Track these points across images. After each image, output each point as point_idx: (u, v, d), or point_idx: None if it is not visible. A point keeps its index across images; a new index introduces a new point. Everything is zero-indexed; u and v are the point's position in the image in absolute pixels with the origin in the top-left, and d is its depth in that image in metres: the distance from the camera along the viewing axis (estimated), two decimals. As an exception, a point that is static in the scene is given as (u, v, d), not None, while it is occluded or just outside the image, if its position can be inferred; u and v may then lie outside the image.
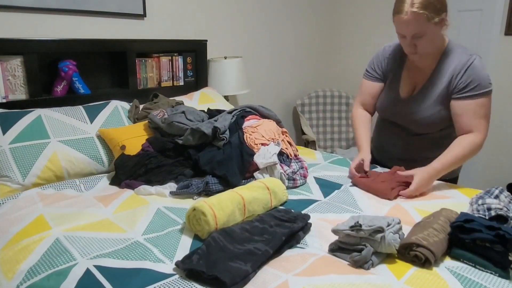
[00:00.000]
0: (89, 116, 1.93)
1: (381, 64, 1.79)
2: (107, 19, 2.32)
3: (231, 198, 1.30)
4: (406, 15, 1.47)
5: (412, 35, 1.51)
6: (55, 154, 1.71)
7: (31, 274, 1.05)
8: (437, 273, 1.05)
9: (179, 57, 2.60)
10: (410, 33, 1.50)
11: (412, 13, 1.46)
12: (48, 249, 1.15)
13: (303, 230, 1.24)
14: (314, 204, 1.49)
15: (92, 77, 2.30)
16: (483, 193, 1.43)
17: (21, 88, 1.97)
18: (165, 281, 1.00)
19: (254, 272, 1.03)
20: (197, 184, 1.55)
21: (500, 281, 1.02)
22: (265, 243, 1.11)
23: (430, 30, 1.49)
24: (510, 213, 1.27)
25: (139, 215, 1.37)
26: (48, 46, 2.02)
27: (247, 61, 3.21)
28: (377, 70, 1.80)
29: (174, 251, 1.15)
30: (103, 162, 1.84)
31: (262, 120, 1.92)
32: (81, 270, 1.04)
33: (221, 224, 1.22)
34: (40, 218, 1.33)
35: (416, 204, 1.48)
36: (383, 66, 1.79)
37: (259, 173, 1.64)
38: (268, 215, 1.28)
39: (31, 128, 1.73)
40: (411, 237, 1.10)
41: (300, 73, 3.73)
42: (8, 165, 1.61)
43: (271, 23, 3.34)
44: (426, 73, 1.66)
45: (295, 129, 3.79)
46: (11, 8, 1.96)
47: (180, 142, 1.79)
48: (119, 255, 1.11)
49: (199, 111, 2.00)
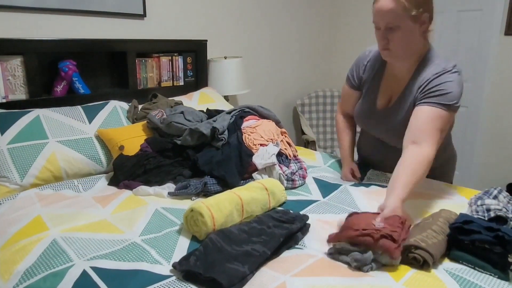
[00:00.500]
0: (88, 116, 1.93)
1: (359, 71, 1.71)
2: (107, 19, 2.32)
3: (229, 199, 1.29)
4: (383, 1, 1.41)
5: (385, 24, 1.44)
6: (53, 154, 1.71)
7: (28, 276, 1.05)
8: (436, 275, 1.04)
9: (179, 57, 2.60)
10: (384, 21, 1.43)
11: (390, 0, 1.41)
12: (45, 250, 1.14)
13: (302, 231, 1.24)
14: (313, 204, 1.48)
15: (92, 77, 2.30)
16: (482, 193, 1.42)
17: (21, 88, 1.97)
18: (162, 282, 1.00)
19: (251, 274, 1.02)
20: (195, 184, 1.54)
21: (499, 282, 1.02)
22: (263, 244, 1.11)
23: (405, 24, 1.42)
24: (509, 214, 1.26)
25: (137, 216, 1.36)
26: (48, 46, 2.02)
27: (247, 61, 3.20)
28: (356, 77, 1.73)
29: (171, 253, 1.14)
30: (101, 163, 1.84)
31: (261, 121, 1.92)
32: (77, 272, 1.03)
33: (219, 225, 1.21)
34: (38, 219, 1.33)
35: (416, 204, 1.47)
36: (360, 74, 1.71)
37: (258, 174, 1.64)
38: (266, 216, 1.27)
39: (30, 128, 1.73)
40: (409, 239, 1.10)
41: (300, 73, 3.72)
42: (6, 165, 1.61)
43: (271, 23, 3.33)
44: (402, 82, 1.57)
45: (295, 129, 3.79)
46: (11, 8, 1.96)
47: (179, 142, 1.79)
48: (116, 257, 1.11)
49: (198, 111, 2.00)
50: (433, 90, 1.43)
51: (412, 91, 1.52)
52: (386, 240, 1.05)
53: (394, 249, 1.04)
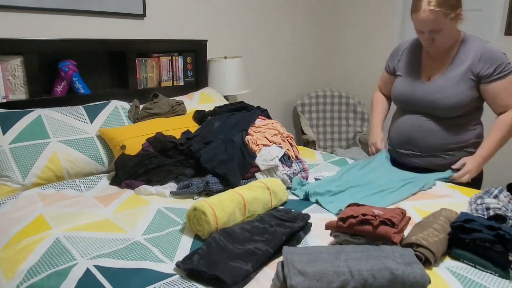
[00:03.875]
0: (89, 116, 1.93)
1: (395, 58, 1.89)
2: (107, 19, 2.32)
3: (232, 198, 1.30)
4: (423, 13, 1.55)
5: (429, 30, 1.58)
6: (55, 154, 1.71)
7: (31, 274, 1.05)
8: (437, 273, 1.05)
9: (179, 57, 2.60)
10: (427, 29, 1.58)
11: (429, 11, 1.54)
12: (48, 249, 1.15)
13: (304, 230, 1.24)
14: (314, 204, 1.49)
15: (92, 77, 2.30)
16: (483, 193, 1.43)
17: (21, 88, 1.97)
18: (166, 281, 1.00)
19: (254, 272, 1.03)
20: (197, 183, 1.55)
21: (500, 281, 1.02)
22: (265, 243, 1.11)
23: (447, 25, 1.57)
24: (508, 213, 1.27)
25: (139, 215, 1.37)
26: (48, 46, 2.02)
27: (247, 61, 3.21)
28: (390, 64, 1.92)
29: (174, 251, 1.15)
30: (103, 162, 1.84)
31: (267, 121, 1.93)
32: (81, 270, 1.04)
33: (221, 224, 1.22)
34: (40, 218, 1.33)
35: (415, 204, 1.48)
36: (395, 61, 1.88)
37: (260, 174, 1.64)
38: (269, 215, 1.28)
39: (31, 128, 1.73)
40: (411, 237, 1.10)
41: (300, 73, 3.73)
42: (8, 165, 1.61)
43: (271, 23, 3.34)
44: (444, 62, 1.72)
45: (295, 129, 3.79)
46: (11, 8, 1.96)
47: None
48: (119, 255, 1.11)
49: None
50: (492, 67, 1.61)
51: (459, 65, 1.67)
52: (385, 227, 1.07)
53: (393, 233, 1.06)
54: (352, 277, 0.90)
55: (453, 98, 1.65)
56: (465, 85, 1.65)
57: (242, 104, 2.17)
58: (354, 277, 0.90)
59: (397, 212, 1.15)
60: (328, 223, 1.17)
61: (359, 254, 0.98)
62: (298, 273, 0.91)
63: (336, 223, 1.14)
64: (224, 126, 1.90)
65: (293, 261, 0.95)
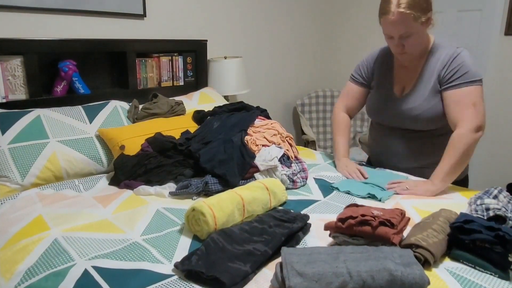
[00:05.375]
0: (88, 116, 1.93)
1: (367, 68, 1.81)
2: (107, 19, 2.32)
3: (231, 198, 1.30)
4: (393, 16, 1.48)
5: (399, 35, 1.52)
6: (54, 154, 1.71)
7: (29, 275, 1.05)
8: (436, 274, 1.04)
9: (179, 57, 2.60)
10: (397, 33, 1.52)
11: (399, 13, 1.47)
12: (47, 250, 1.14)
13: (303, 230, 1.24)
14: (314, 204, 1.49)
15: (92, 77, 2.30)
16: (482, 193, 1.43)
17: (21, 88, 1.97)
18: (164, 281, 1.00)
19: (253, 273, 1.03)
20: (196, 184, 1.54)
21: (499, 282, 1.02)
22: (264, 243, 1.11)
23: (417, 30, 1.51)
24: (508, 214, 1.26)
25: (138, 216, 1.37)
26: (48, 46, 2.02)
27: (247, 61, 3.21)
28: (363, 74, 1.83)
29: (173, 252, 1.14)
30: (102, 162, 1.84)
31: (267, 121, 1.92)
32: (79, 271, 1.03)
33: (220, 224, 1.21)
34: (39, 219, 1.33)
35: (415, 204, 1.47)
36: (368, 71, 1.81)
37: (260, 174, 1.64)
38: (268, 216, 1.28)
39: (30, 128, 1.73)
40: (410, 238, 1.10)
41: (300, 73, 3.72)
42: (7, 165, 1.61)
43: (271, 23, 3.33)
44: (415, 71, 1.67)
45: (295, 129, 3.79)
46: (11, 8, 1.96)
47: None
48: (118, 256, 1.11)
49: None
50: (454, 72, 1.55)
51: (428, 76, 1.62)
52: (384, 228, 1.06)
53: (393, 234, 1.05)
54: (351, 278, 0.90)
55: (427, 113, 1.61)
56: (436, 98, 1.61)
57: (241, 104, 2.17)
58: (353, 278, 0.90)
59: (397, 212, 1.15)
60: (327, 224, 1.16)
61: (358, 255, 0.97)
62: (297, 274, 0.91)
63: (335, 224, 1.13)
64: (224, 126, 1.90)
65: (292, 262, 0.95)
